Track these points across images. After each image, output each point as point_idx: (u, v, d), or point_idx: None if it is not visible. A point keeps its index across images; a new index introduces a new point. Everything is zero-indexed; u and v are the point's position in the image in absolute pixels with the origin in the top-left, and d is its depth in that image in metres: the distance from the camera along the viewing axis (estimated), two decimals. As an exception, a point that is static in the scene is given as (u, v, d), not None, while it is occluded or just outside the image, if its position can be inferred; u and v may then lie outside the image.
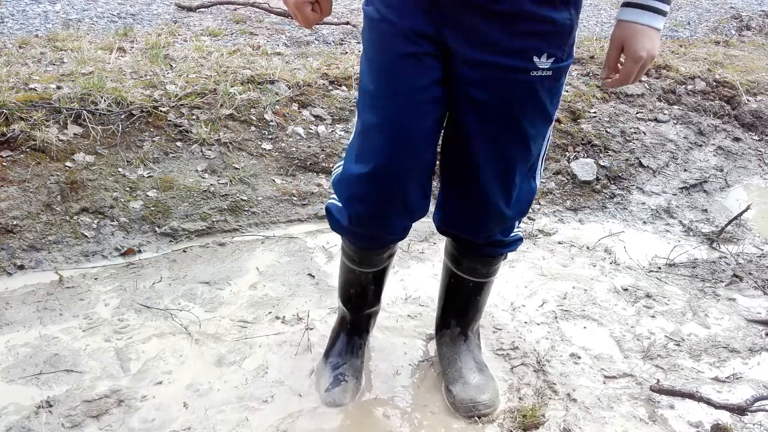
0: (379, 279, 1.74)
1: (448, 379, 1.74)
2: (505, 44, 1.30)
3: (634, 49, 1.32)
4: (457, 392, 1.69)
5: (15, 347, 1.83)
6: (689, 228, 2.72)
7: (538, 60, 1.32)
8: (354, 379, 1.73)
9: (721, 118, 3.44)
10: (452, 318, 1.80)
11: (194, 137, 2.66)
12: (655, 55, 1.34)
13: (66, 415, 1.62)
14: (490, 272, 1.72)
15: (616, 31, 1.36)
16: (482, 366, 1.78)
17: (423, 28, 1.32)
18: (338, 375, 1.72)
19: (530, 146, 1.45)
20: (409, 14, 1.32)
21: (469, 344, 1.80)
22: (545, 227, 2.64)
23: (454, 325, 1.80)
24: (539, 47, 1.31)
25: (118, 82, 2.81)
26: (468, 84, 1.36)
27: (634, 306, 2.15)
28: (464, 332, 1.80)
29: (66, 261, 2.20)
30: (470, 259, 1.68)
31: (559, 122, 3.11)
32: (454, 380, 1.72)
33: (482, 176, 1.45)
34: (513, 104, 1.36)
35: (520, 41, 1.30)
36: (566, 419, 1.67)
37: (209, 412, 1.65)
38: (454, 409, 1.69)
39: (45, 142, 2.42)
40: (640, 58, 1.32)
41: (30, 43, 3.38)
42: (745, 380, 1.85)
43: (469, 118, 1.40)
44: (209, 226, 2.42)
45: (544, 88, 1.36)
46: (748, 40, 4.81)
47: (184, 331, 1.92)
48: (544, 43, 1.31)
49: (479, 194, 1.48)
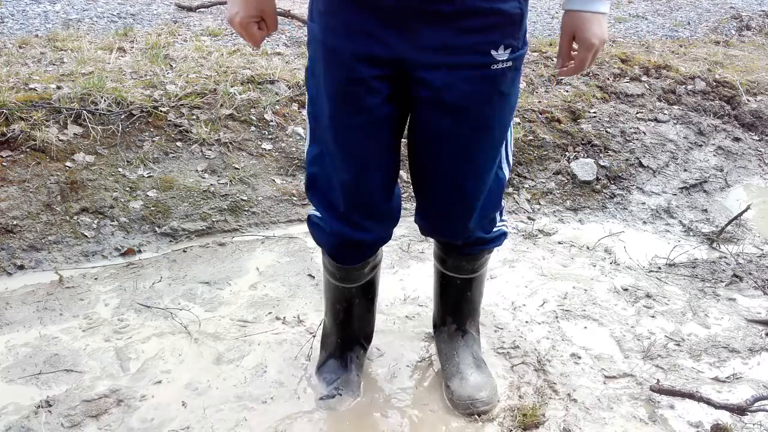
0: (367, 291, 1.71)
1: (446, 375, 1.74)
2: (460, 43, 1.29)
3: (586, 37, 1.33)
4: (455, 389, 1.69)
5: (15, 347, 1.83)
6: (689, 228, 2.72)
7: (495, 53, 1.31)
8: (350, 391, 1.70)
9: (721, 118, 3.44)
10: (448, 315, 1.81)
11: (194, 137, 2.66)
12: (606, 40, 1.35)
13: (65, 414, 1.62)
14: (476, 268, 1.72)
15: (565, 21, 1.36)
16: (480, 362, 1.78)
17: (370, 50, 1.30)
18: (332, 389, 1.70)
19: (499, 140, 1.45)
20: (354, 37, 1.29)
21: (467, 340, 1.80)
22: (545, 227, 2.64)
23: (450, 322, 1.80)
24: (494, 40, 1.31)
25: (118, 82, 2.81)
26: (433, 89, 1.33)
27: (634, 306, 2.15)
28: (461, 328, 1.80)
29: (66, 261, 2.20)
30: (454, 257, 1.69)
31: (559, 122, 3.11)
32: (452, 376, 1.72)
33: (457, 179, 1.45)
34: (479, 102, 1.36)
35: (474, 38, 1.29)
36: (566, 419, 1.67)
37: (208, 411, 1.65)
38: (453, 405, 1.69)
39: (45, 142, 2.42)
40: (592, 45, 1.34)
41: (30, 43, 3.38)
42: (745, 380, 1.85)
43: (439, 123, 1.38)
44: (209, 226, 2.42)
45: (506, 80, 1.36)
46: (748, 40, 4.81)
47: (183, 331, 1.92)
48: (498, 36, 1.30)
49: (454, 198, 1.48)
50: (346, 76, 1.33)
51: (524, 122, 3.07)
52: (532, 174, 2.90)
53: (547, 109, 3.17)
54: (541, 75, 3.60)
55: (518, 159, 2.92)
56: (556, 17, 5.25)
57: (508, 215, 2.03)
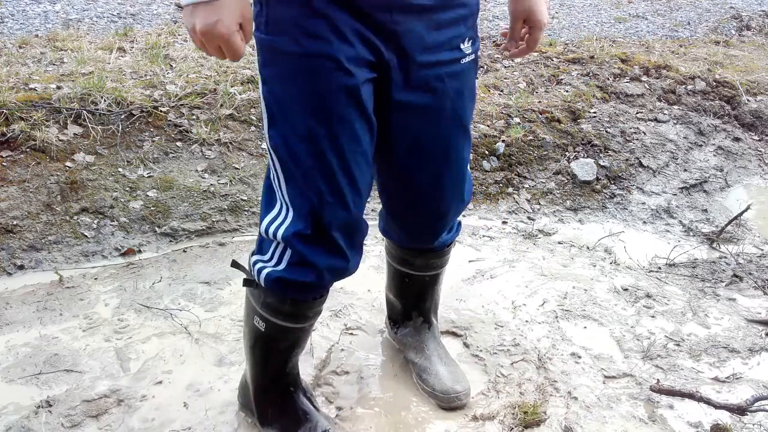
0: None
1: (418, 368, 1.75)
2: (437, 40, 1.28)
3: (539, 20, 1.39)
4: (434, 383, 1.71)
5: (15, 347, 1.83)
6: (689, 228, 2.72)
7: (464, 46, 1.32)
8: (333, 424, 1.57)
9: (721, 118, 3.44)
10: (413, 310, 1.79)
11: (194, 137, 2.66)
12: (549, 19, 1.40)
13: (65, 414, 1.62)
14: (445, 261, 1.71)
15: (517, 6, 1.40)
16: (445, 351, 1.80)
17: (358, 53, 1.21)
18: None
19: (470, 136, 1.45)
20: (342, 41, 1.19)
21: (433, 331, 1.81)
22: (545, 227, 2.64)
23: (417, 316, 1.80)
24: (461, 33, 1.31)
25: (118, 82, 2.81)
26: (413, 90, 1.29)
27: (634, 306, 2.15)
28: (427, 320, 1.80)
29: (66, 261, 2.20)
30: (424, 258, 1.66)
31: (559, 122, 3.11)
32: (426, 370, 1.73)
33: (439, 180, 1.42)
34: (454, 98, 1.35)
35: (447, 32, 1.29)
36: (567, 416, 1.67)
37: (210, 412, 1.65)
38: (433, 398, 1.71)
39: (45, 142, 2.42)
40: (543, 25, 1.40)
41: (30, 43, 3.39)
42: (745, 380, 1.85)
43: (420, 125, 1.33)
44: (209, 226, 2.42)
45: (471, 73, 1.37)
46: (748, 40, 4.81)
47: (184, 331, 1.92)
48: (463, 28, 1.31)
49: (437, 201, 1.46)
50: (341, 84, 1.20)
51: (524, 122, 3.07)
52: (532, 174, 2.90)
53: (547, 109, 3.17)
54: (541, 75, 3.60)
55: (518, 159, 2.92)
56: (556, 17, 5.25)
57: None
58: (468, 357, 1.88)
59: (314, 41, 1.18)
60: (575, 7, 5.61)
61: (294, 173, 1.26)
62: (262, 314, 1.41)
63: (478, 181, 2.81)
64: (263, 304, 1.40)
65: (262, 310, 1.41)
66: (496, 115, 3.08)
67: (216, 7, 1.08)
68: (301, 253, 1.30)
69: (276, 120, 1.25)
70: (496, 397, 1.74)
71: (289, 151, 1.25)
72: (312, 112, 1.22)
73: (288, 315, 1.40)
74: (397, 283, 1.76)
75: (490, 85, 3.45)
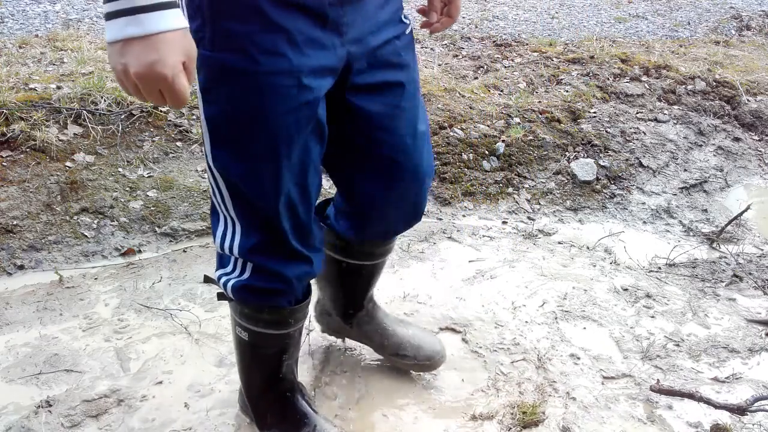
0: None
1: (390, 349, 1.74)
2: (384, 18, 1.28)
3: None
4: (415, 354, 1.72)
5: (15, 347, 1.83)
6: (689, 228, 2.72)
7: (404, 18, 1.34)
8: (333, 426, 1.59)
9: (721, 118, 3.44)
10: (363, 300, 1.74)
11: (194, 137, 2.66)
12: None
13: (65, 414, 1.62)
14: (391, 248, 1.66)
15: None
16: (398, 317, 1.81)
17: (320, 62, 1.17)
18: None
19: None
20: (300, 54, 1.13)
21: (381, 308, 1.79)
22: (545, 227, 2.64)
23: (368, 301, 1.75)
24: (399, 6, 1.33)
25: (118, 82, 2.81)
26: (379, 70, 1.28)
27: (634, 306, 2.15)
28: (373, 301, 1.77)
29: (66, 261, 2.20)
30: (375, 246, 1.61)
31: (559, 122, 3.11)
32: (400, 345, 1.73)
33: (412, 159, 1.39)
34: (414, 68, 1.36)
35: (389, 9, 1.29)
36: (565, 417, 1.67)
37: (211, 413, 1.65)
38: (418, 369, 1.74)
39: (45, 142, 2.42)
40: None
41: (30, 43, 3.39)
42: (745, 380, 1.85)
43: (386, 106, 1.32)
44: (209, 226, 2.42)
45: (413, 44, 1.38)
46: (748, 40, 4.81)
47: (184, 331, 1.92)
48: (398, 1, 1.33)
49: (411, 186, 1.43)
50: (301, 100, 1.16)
51: (524, 122, 3.07)
52: (532, 174, 2.90)
53: (547, 109, 3.17)
54: (541, 75, 3.60)
55: (518, 159, 2.92)
56: (556, 17, 5.25)
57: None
58: (467, 352, 1.89)
59: (271, 57, 1.12)
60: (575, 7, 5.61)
61: (243, 191, 1.23)
62: (242, 324, 1.43)
63: (478, 181, 2.81)
64: (241, 314, 1.42)
65: (241, 320, 1.43)
66: (496, 115, 3.08)
67: (154, 43, 0.92)
68: (261, 264, 1.31)
69: (223, 140, 1.19)
70: (495, 396, 1.74)
71: (237, 171, 1.20)
72: (266, 131, 1.17)
73: (268, 323, 1.41)
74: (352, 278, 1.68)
75: (490, 85, 3.45)
